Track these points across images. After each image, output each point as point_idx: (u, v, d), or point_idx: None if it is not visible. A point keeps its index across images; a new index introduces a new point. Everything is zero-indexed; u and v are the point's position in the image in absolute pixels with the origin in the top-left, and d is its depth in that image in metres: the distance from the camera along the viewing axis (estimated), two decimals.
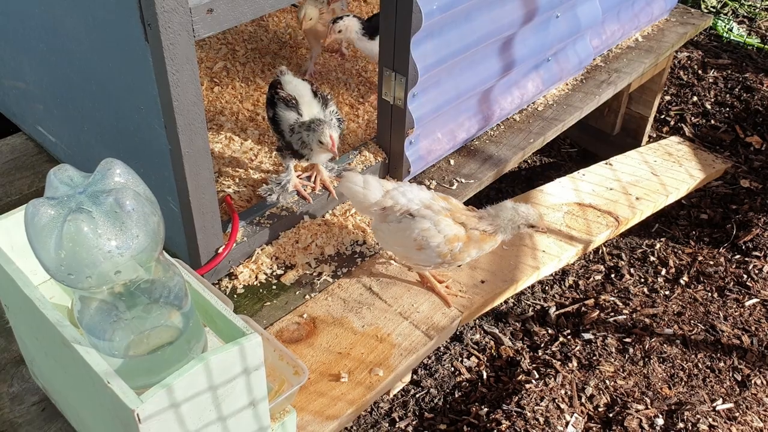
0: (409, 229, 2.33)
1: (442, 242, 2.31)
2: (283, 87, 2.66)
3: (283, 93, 2.61)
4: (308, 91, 2.65)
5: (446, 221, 2.33)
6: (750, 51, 5.37)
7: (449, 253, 2.33)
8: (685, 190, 3.76)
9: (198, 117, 2.07)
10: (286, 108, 2.59)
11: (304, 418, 2.12)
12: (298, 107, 2.58)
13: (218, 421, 1.64)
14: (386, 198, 2.38)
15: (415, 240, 2.33)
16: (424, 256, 2.36)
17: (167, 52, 1.90)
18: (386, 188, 2.41)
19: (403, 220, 2.36)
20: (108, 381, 1.44)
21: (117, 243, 1.31)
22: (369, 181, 2.40)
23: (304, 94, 2.62)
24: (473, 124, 3.16)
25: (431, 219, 2.32)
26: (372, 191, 2.39)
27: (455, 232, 2.33)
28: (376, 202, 2.39)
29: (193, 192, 2.20)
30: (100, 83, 2.35)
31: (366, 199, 2.39)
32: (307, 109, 2.59)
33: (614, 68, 3.80)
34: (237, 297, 2.46)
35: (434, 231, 2.31)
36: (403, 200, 2.36)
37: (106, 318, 1.49)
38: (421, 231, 2.31)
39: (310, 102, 2.61)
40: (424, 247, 2.32)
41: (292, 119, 2.57)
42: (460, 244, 2.34)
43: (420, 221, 2.33)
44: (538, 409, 2.88)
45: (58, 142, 2.88)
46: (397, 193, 2.38)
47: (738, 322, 3.36)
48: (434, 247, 2.31)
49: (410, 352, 2.36)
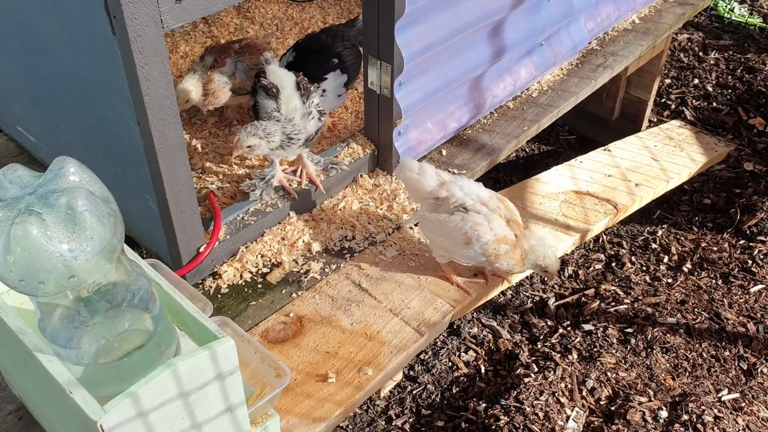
0: (461, 222, 2.32)
1: (491, 240, 2.31)
2: (266, 76, 2.57)
3: (265, 81, 2.52)
4: (291, 81, 2.55)
5: (499, 221, 2.34)
6: (752, 31, 5.25)
7: (494, 252, 2.32)
8: (687, 175, 3.66)
9: (171, 112, 2.00)
10: (266, 97, 2.51)
11: (290, 421, 2.04)
12: (277, 97, 2.50)
13: (192, 429, 1.57)
14: (441, 188, 2.39)
15: (466, 234, 2.32)
16: (470, 252, 2.35)
17: (134, 44, 1.82)
18: (443, 179, 2.42)
19: (455, 212, 2.35)
20: (70, 391, 1.37)
21: (70, 246, 1.23)
22: (425, 169, 2.42)
23: (286, 85, 2.53)
24: (464, 112, 3.07)
25: (485, 215, 2.32)
26: (427, 179, 2.40)
27: (505, 234, 2.33)
28: (431, 191, 2.39)
29: (169, 189, 2.13)
30: (73, 80, 2.28)
31: (420, 186, 2.41)
32: (287, 101, 2.51)
33: (610, 51, 3.70)
34: (221, 297, 2.38)
35: (486, 228, 2.30)
36: (459, 193, 2.36)
37: (68, 325, 1.42)
38: (473, 225, 2.31)
39: (292, 94, 2.52)
40: (473, 242, 2.32)
41: (269, 108, 2.50)
42: (507, 248, 2.33)
43: (473, 215, 2.33)
44: (537, 404, 2.80)
45: (38, 142, 2.81)
46: (454, 186, 2.38)
47: (743, 310, 3.26)
48: (483, 243, 2.31)
49: (400, 349, 2.28)
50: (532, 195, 3.16)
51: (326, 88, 2.79)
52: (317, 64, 2.80)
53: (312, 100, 2.57)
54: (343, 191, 2.81)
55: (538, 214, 3.05)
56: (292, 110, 2.51)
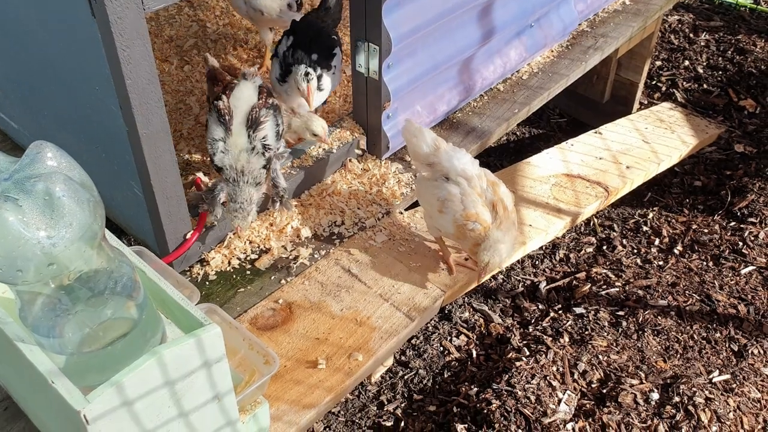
0: (438, 189, 2.38)
1: (459, 214, 2.34)
2: (230, 94, 2.34)
3: (222, 104, 2.30)
4: (246, 111, 2.31)
5: (475, 198, 2.35)
6: (742, 12, 5.22)
7: (464, 227, 2.34)
8: (678, 157, 3.65)
9: (154, 95, 1.95)
10: (217, 122, 2.29)
11: (280, 408, 2.02)
12: (228, 125, 2.28)
13: (180, 418, 1.55)
14: (433, 155, 2.44)
15: (438, 200, 2.38)
16: (443, 221, 2.40)
17: (115, 26, 1.78)
18: (438, 145, 2.46)
19: (438, 179, 2.41)
20: (52, 381, 1.35)
21: (48, 233, 1.20)
22: (423, 133, 2.47)
23: (241, 113, 2.31)
24: (454, 95, 3.04)
25: (463, 190, 2.36)
26: (421, 143, 2.45)
27: (477, 212, 2.33)
28: (425, 155, 2.46)
29: (154, 175, 2.09)
30: (55, 65, 2.23)
31: (415, 149, 2.48)
32: (236, 133, 2.29)
33: (601, 33, 3.67)
34: (209, 284, 2.36)
35: (457, 200, 2.35)
36: (447, 163, 2.41)
37: (49, 314, 1.39)
38: (448, 194, 2.36)
39: (240, 127, 2.29)
40: (445, 212, 2.36)
41: (217, 135, 2.29)
42: (477, 226, 2.32)
43: (450, 186, 2.37)
44: (529, 387, 2.79)
45: (21, 128, 2.76)
46: (445, 155, 2.43)
47: (734, 291, 3.26)
48: (452, 214, 2.35)
49: (391, 335, 2.26)
50: (522, 178, 3.14)
51: (335, 64, 2.70)
52: (323, 43, 2.69)
53: (258, 133, 2.31)
54: (331, 176, 2.77)
55: (528, 197, 3.03)
56: (238, 152, 2.29)
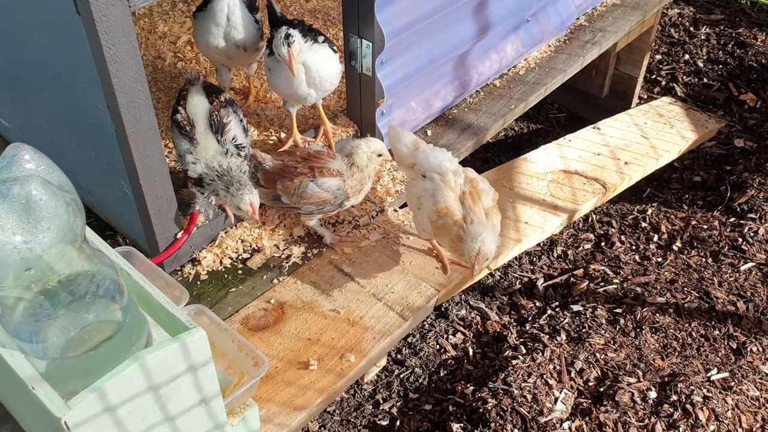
0: (416, 188, 2.38)
1: (432, 210, 2.31)
2: (186, 104, 2.25)
3: (179, 116, 2.22)
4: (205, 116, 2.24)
5: (447, 193, 2.30)
6: (743, 5, 5.17)
7: (436, 223, 2.28)
8: (677, 153, 3.61)
9: (141, 94, 1.93)
10: (180, 136, 2.22)
11: (271, 410, 2.00)
12: (191, 135, 2.21)
13: (165, 422, 1.53)
14: (413, 156, 2.45)
15: (417, 198, 2.37)
16: (421, 218, 2.37)
17: (100, 24, 1.75)
18: (418, 146, 2.47)
19: (417, 178, 2.41)
20: (33, 386, 1.33)
21: (24, 238, 1.17)
22: (403, 136, 2.48)
23: (201, 120, 2.23)
24: (449, 91, 3.00)
25: (435, 185, 2.34)
26: (402, 146, 2.46)
27: (447, 207, 2.27)
28: (405, 156, 2.47)
29: (143, 175, 2.06)
30: (43, 63, 2.21)
31: (397, 153, 2.49)
32: (203, 141, 2.21)
33: (599, 27, 3.63)
34: (200, 284, 2.33)
35: (430, 195, 2.32)
36: (424, 161, 2.40)
37: (30, 319, 1.36)
38: (422, 191, 2.35)
39: (206, 133, 2.22)
40: (421, 209, 2.35)
41: (182, 149, 2.23)
42: (447, 220, 2.26)
43: (426, 182, 2.37)
44: (525, 386, 2.77)
45: (11, 126, 2.74)
46: (422, 154, 2.43)
47: (733, 288, 3.23)
48: (426, 211, 2.32)
49: (384, 335, 2.24)
50: (519, 175, 3.11)
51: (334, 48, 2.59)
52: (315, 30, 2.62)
53: (227, 135, 2.24)
54: None
55: (525, 194, 3.00)
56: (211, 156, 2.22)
